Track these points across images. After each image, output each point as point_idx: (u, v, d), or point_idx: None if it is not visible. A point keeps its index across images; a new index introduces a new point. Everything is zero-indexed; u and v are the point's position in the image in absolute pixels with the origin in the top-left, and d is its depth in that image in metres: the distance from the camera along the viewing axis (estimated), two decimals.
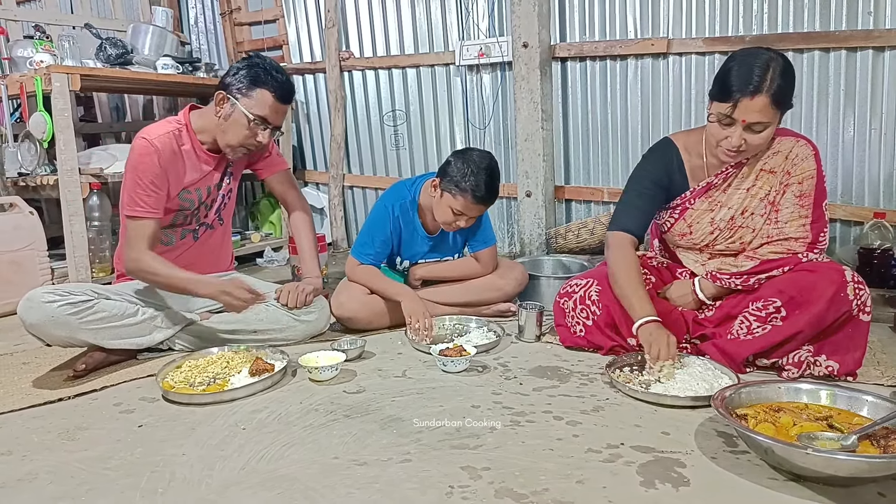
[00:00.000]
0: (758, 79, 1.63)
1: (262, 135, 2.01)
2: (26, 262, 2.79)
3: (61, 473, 1.33)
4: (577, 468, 1.27)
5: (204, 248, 2.20)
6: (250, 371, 1.79)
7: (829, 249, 2.82)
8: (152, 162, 1.93)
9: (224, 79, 2.01)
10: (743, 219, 1.83)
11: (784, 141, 1.79)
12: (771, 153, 1.79)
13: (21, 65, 3.17)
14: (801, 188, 1.75)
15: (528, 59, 3.20)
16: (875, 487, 1.18)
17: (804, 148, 1.76)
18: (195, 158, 2.07)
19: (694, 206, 1.89)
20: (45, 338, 1.83)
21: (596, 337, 1.93)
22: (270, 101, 1.97)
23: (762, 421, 1.32)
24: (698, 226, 1.89)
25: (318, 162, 4.31)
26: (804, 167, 1.75)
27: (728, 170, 1.83)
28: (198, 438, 1.47)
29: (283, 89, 1.99)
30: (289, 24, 4.14)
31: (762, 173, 1.80)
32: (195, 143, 2.06)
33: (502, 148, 3.57)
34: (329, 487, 1.24)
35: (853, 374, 1.68)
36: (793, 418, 1.33)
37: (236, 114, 1.97)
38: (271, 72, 1.98)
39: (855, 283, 1.66)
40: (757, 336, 1.72)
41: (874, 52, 2.58)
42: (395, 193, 2.33)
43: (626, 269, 1.84)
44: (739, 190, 1.83)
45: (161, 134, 1.98)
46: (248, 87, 1.96)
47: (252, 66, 1.98)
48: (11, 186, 3.12)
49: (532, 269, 2.65)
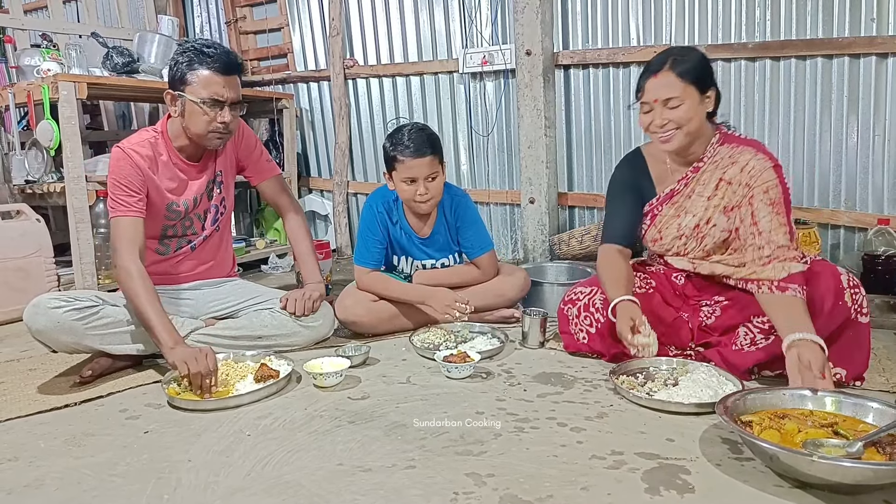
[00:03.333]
0: (658, 60, 1.77)
1: (222, 114, 1.95)
2: (33, 268, 2.81)
3: (68, 479, 1.34)
4: (582, 475, 1.27)
5: (202, 254, 2.20)
6: (255, 377, 1.80)
7: (834, 256, 2.82)
8: (127, 165, 1.95)
9: (168, 78, 2.00)
10: (707, 227, 1.84)
11: (744, 152, 1.77)
12: (730, 162, 1.78)
13: (28, 73, 3.20)
14: (769, 196, 1.72)
15: (531, 67, 3.22)
16: (881, 495, 1.17)
17: (762, 161, 1.74)
18: (172, 168, 2.05)
19: (661, 212, 1.92)
20: (51, 344, 1.84)
21: (599, 344, 1.93)
22: (212, 78, 1.92)
23: (767, 427, 1.32)
24: (667, 231, 1.91)
25: (322, 169, 4.33)
26: (764, 177, 1.72)
27: (688, 174, 1.85)
28: (203, 444, 1.47)
29: (219, 62, 1.93)
30: (293, 32, 4.17)
31: (721, 183, 1.80)
32: (171, 151, 2.05)
33: (506, 155, 3.59)
34: (334, 494, 1.24)
35: (861, 378, 1.68)
36: (798, 425, 1.33)
37: (188, 105, 1.94)
38: (202, 49, 1.92)
39: (851, 289, 1.66)
40: (760, 347, 1.73)
41: (877, 58, 2.58)
42: (378, 194, 2.39)
43: (608, 270, 1.90)
44: (702, 198, 1.83)
45: (136, 143, 1.99)
46: (187, 74, 1.92)
47: (184, 51, 1.94)
48: (18, 194, 3.14)
49: (535, 275, 2.65)
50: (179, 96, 1.95)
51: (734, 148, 1.79)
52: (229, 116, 1.97)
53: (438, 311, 2.14)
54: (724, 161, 1.79)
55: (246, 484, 1.29)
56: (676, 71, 1.72)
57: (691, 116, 1.73)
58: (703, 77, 1.74)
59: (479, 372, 1.89)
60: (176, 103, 1.97)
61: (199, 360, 1.70)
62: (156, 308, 1.82)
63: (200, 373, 1.69)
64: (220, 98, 1.94)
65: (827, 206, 2.81)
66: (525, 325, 2.13)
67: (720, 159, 1.80)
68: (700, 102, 1.74)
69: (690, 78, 1.72)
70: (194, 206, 2.11)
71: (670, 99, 1.72)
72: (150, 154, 2.00)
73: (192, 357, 1.70)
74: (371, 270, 2.33)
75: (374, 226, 2.33)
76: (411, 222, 2.37)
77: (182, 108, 1.96)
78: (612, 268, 1.90)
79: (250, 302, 2.20)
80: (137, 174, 1.96)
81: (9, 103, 3.06)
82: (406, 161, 2.17)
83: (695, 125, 1.75)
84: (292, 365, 1.88)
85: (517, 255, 3.64)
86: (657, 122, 1.75)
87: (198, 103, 1.92)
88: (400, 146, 2.18)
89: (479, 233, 2.40)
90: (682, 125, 1.74)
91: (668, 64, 1.73)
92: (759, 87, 2.85)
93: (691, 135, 1.76)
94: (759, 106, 2.87)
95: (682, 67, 1.72)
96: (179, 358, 1.70)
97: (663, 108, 1.74)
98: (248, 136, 2.24)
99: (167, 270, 2.14)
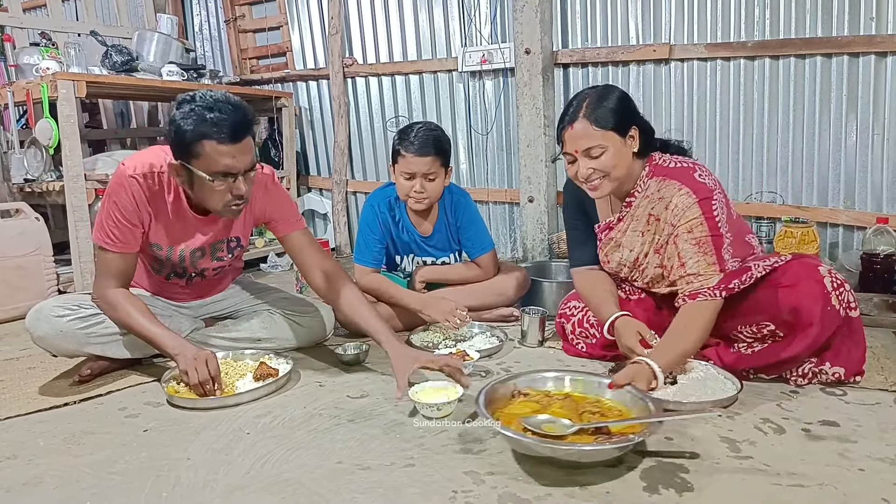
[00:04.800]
0: (573, 110, 1.71)
1: (236, 186, 1.70)
2: (32, 267, 2.81)
3: (67, 478, 1.34)
4: (580, 473, 1.27)
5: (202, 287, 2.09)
6: (254, 376, 1.80)
7: (832, 255, 2.82)
8: (127, 196, 1.75)
9: (169, 141, 1.71)
10: (645, 261, 1.84)
11: (669, 187, 1.73)
12: (658, 197, 1.76)
13: (27, 72, 3.20)
14: (693, 236, 1.68)
15: (530, 66, 3.22)
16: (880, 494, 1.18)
17: (686, 198, 1.68)
18: (184, 216, 1.83)
19: (602, 241, 1.92)
20: (53, 350, 1.84)
21: (598, 353, 1.95)
22: (220, 150, 1.63)
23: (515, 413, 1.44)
24: (612, 257, 1.91)
25: (321, 168, 4.33)
26: (688, 216, 1.68)
27: (623, 210, 1.85)
28: (202, 443, 1.47)
29: (227, 129, 1.62)
30: (292, 31, 4.17)
31: (651, 218, 1.78)
32: (179, 196, 1.80)
33: (505, 154, 3.59)
34: (333, 492, 1.24)
35: (861, 373, 1.68)
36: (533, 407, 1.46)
37: (196, 179, 1.68)
38: (205, 115, 1.61)
39: (836, 291, 1.60)
40: (756, 351, 1.72)
41: (876, 57, 2.58)
42: (379, 193, 2.40)
43: (590, 291, 1.91)
44: (636, 232, 1.83)
45: (144, 171, 1.76)
46: (191, 146, 1.63)
47: (185, 116, 1.62)
48: (17, 192, 3.14)
49: (535, 273, 2.65)
50: (186, 168, 1.68)
51: (662, 181, 1.75)
52: (244, 187, 1.71)
53: (438, 319, 2.14)
54: (654, 196, 1.77)
55: (245, 482, 1.29)
56: (591, 119, 1.67)
57: (616, 163, 1.70)
58: (622, 119, 1.69)
59: (478, 370, 1.89)
60: (181, 173, 1.70)
61: (199, 370, 1.68)
62: (152, 321, 1.77)
63: (200, 383, 1.68)
64: (233, 171, 1.67)
65: (826, 204, 2.81)
66: (524, 323, 2.13)
67: (651, 194, 1.78)
68: (623, 145, 1.71)
69: (608, 124, 1.67)
70: (192, 259, 1.92)
71: (591, 148, 1.68)
72: (156, 190, 1.78)
73: (192, 366, 1.69)
74: (371, 269, 2.33)
75: (375, 224, 2.34)
76: (413, 220, 2.37)
77: (190, 179, 1.70)
78: (593, 288, 1.90)
79: (249, 302, 2.20)
80: (134, 208, 1.76)
81: (8, 102, 3.06)
82: (407, 157, 2.19)
83: (621, 170, 1.72)
84: (291, 364, 1.88)
85: (516, 254, 3.64)
86: (582, 173, 1.72)
87: (207, 179, 1.66)
88: (405, 141, 2.20)
89: (480, 232, 2.41)
90: (608, 172, 1.70)
91: (583, 112, 1.68)
92: (759, 85, 2.85)
93: (618, 179, 1.74)
94: (758, 105, 2.88)
95: (598, 113, 1.67)
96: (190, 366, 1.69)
97: (586, 158, 1.70)
98: (272, 191, 1.95)
99: (163, 289, 2.04)
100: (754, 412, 1.53)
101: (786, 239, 2.68)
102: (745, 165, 2.97)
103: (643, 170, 1.80)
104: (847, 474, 1.25)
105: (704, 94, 2.99)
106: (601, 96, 1.70)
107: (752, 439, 1.40)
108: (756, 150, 2.93)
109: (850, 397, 1.61)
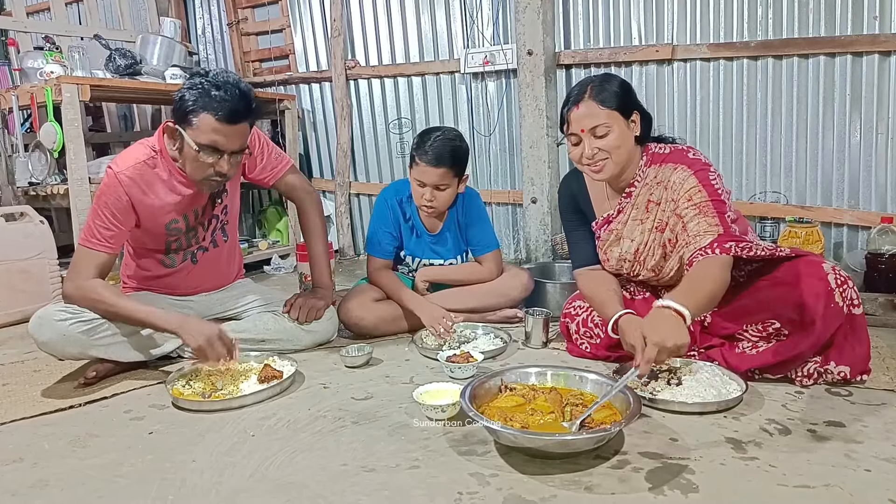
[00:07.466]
0: (576, 92, 1.75)
1: (220, 164, 1.76)
2: (36, 270, 2.82)
3: (72, 481, 1.34)
4: (586, 475, 1.27)
5: (207, 268, 2.14)
6: (259, 378, 1.80)
7: (837, 255, 2.82)
8: (116, 195, 1.81)
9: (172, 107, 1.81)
10: (646, 250, 1.84)
11: (664, 169, 1.77)
12: (655, 183, 1.78)
13: (31, 75, 3.21)
14: (693, 202, 1.70)
15: (532, 67, 3.22)
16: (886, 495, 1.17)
17: (681, 172, 1.73)
18: (174, 184, 1.90)
19: (601, 237, 1.92)
20: (57, 354, 1.85)
21: (602, 353, 1.95)
22: (214, 125, 1.71)
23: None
24: (611, 254, 1.91)
25: (324, 170, 4.33)
26: (686, 187, 1.71)
27: (622, 201, 1.86)
28: (207, 445, 1.48)
29: (225, 109, 1.70)
30: (295, 33, 4.18)
31: (651, 204, 1.80)
32: (173, 169, 1.88)
33: (507, 155, 3.59)
34: (338, 494, 1.24)
35: (867, 371, 1.67)
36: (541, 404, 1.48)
37: (186, 147, 1.76)
38: (210, 91, 1.70)
39: (840, 287, 1.61)
40: (761, 350, 1.72)
41: (880, 56, 2.58)
42: (392, 188, 2.42)
43: (593, 290, 1.89)
44: (636, 221, 1.83)
45: (131, 165, 1.83)
46: (190, 114, 1.72)
47: (192, 87, 1.72)
48: (22, 196, 3.15)
49: (538, 275, 2.65)
50: (181, 134, 1.77)
51: (659, 168, 1.79)
52: (227, 166, 1.79)
53: (425, 323, 2.15)
54: (652, 182, 1.79)
55: (250, 485, 1.29)
56: (597, 99, 1.70)
57: (620, 143, 1.72)
58: (625, 102, 1.73)
59: (482, 372, 1.89)
60: (175, 137, 1.80)
61: (215, 347, 1.73)
62: (138, 306, 1.81)
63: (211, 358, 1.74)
64: (219, 147, 1.76)
65: (830, 204, 2.80)
66: (528, 325, 2.13)
67: (649, 181, 1.80)
68: (626, 128, 1.74)
69: (613, 104, 1.71)
70: (195, 219, 2.01)
71: (597, 126, 1.70)
72: (146, 176, 1.85)
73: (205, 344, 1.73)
74: (384, 261, 2.36)
75: (386, 217, 2.36)
76: (423, 217, 2.38)
77: (180, 144, 1.79)
78: (597, 288, 1.89)
79: (254, 304, 2.20)
80: (125, 206, 1.83)
81: (12, 105, 3.07)
82: (420, 165, 2.19)
83: (624, 152, 1.74)
84: (296, 366, 1.88)
85: (519, 255, 3.64)
86: (587, 153, 1.73)
87: (193, 148, 1.75)
88: (421, 149, 2.20)
89: (486, 231, 2.42)
90: (612, 152, 1.72)
91: (588, 93, 1.72)
92: (762, 85, 2.85)
93: (621, 163, 1.76)
94: (761, 105, 2.87)
95: (603, 95, 1.71)
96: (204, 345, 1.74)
97: (591, 137, 1.72)
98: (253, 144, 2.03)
99: (176, 284, 2.10)
100: (760, 413, 1.53)
101: (790, 239, 2.67)
102: (749, 165, 2.96)
103: (641, 159, 1.82)
104: (853, 475, 1.24)
105: (707, 95, 2.99)
106: (604, 80, 1.76)
107: (757, 440, 1.40)
108: (760, 150, 2.92)
109: (855, 398, 1.60)
